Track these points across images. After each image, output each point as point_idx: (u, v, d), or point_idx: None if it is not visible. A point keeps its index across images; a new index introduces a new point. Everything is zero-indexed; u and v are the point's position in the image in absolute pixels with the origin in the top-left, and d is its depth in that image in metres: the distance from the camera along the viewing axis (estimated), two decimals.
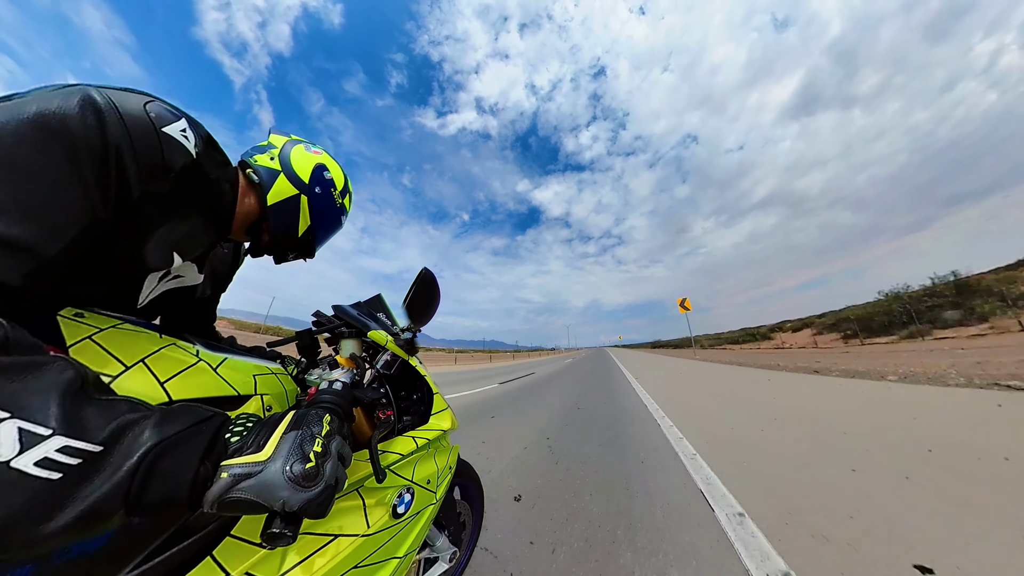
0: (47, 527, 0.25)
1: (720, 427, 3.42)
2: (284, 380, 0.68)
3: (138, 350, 0.47)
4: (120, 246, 0.46)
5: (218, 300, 0.87)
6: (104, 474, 0.28)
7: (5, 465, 0.24)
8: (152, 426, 0.32)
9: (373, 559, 0.63)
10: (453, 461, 1.00)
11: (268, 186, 0.66)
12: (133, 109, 0.41)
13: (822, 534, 1.49)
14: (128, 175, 0.39)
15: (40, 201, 0.33)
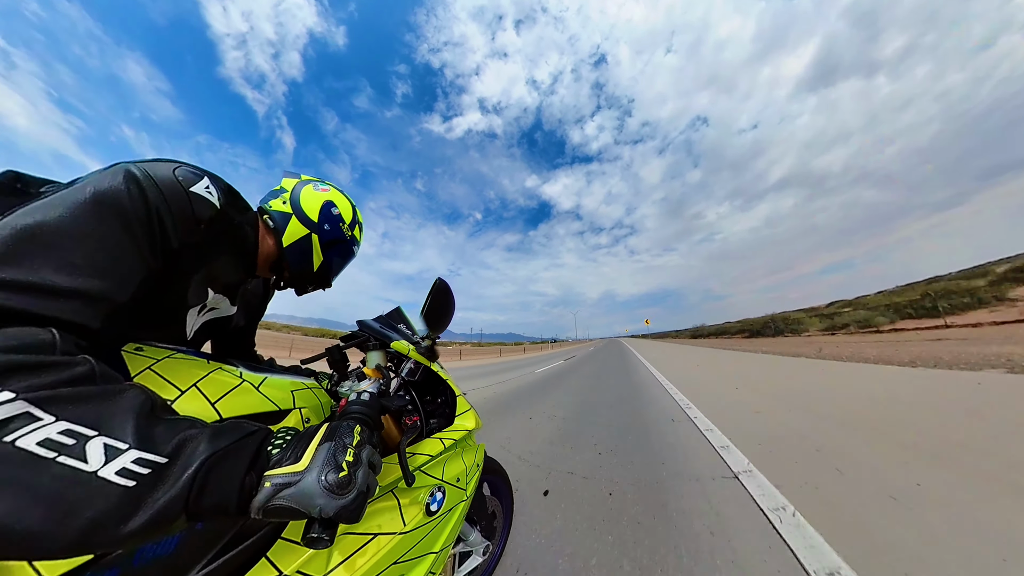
0: (126, 527, 0.31)
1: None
2: (319, 393, 0.74)
3: (190, 376, 0.54)
4: (168, 289, 0.54)
5: (255, 328, 0.97)
6: (169, 482, 0.34)
7: (94, 474, 0.30)
8: (206, 440, 0.37)
9: (411, 555, 0.67)
10: (480, 459, 1.04)
11: (282, 229, 0.75)
12: (164, 176, 0.49)
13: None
14: (168, 231, 0.48)
15: (108, 260, 0.41)
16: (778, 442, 2.48)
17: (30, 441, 0.29)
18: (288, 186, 0.81)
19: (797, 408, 3.42)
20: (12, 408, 0.29)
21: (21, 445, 0.28)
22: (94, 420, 0.32)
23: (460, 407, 1.03)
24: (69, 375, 0.33)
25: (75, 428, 0.31)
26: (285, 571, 0.51)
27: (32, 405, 0.30)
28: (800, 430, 2.73)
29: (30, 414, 0.29)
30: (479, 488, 1.15)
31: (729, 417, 3.24)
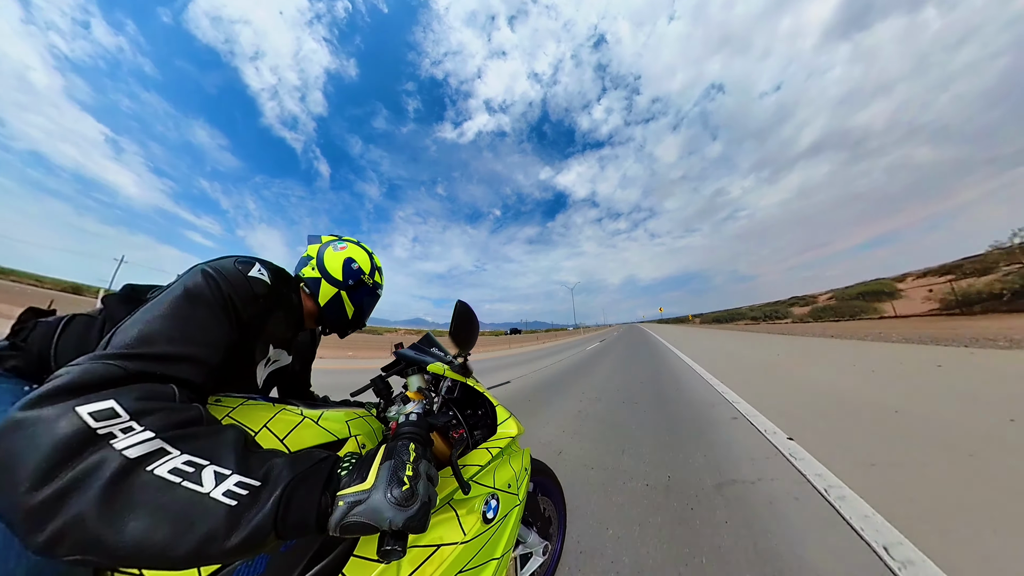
0: (229, 542, 0.37)
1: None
2: (370, 421, 0.80)
3: (261, 418, 0.61)
4: (243, 350, 0.71)
5: (309, 371, 1.13)
6: (261, 502, 0.40)
7: (207, 495, 0.38)
8: (287, 467, 0.45)
9: (475, 562, 0.70)
10: (527, 462, 1.06)
11: (316, 292, 0.92)
12: (228, 268, 0.66)
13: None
14: (239, 307, 0.63)
15: (203, 334, 0.55)
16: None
17: (164, 470, 0.38)
18: (313, 252, 0.95)
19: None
20: (151, 445, 0.38)
21: (158, 473, 0.37)
22: (207, 453, 0.41)
23: (500, 416, 1.06)
24: (187, 418, 0.44)
25: (194, 459, 0.40)
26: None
27: (164, 442, 0.39)
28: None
29: (164, 449, 0.39)
30: (530, 491, 1.19)
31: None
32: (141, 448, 0.37)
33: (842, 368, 5.32)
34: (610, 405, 3.96)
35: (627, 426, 3.14)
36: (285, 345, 0.90)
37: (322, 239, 1.00)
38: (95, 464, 0.35)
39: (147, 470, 0.37)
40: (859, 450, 2.22)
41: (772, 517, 1.59)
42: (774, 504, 1.70)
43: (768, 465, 2.14)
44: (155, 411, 0.41)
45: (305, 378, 1.14)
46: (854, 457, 2.13)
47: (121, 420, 0.38)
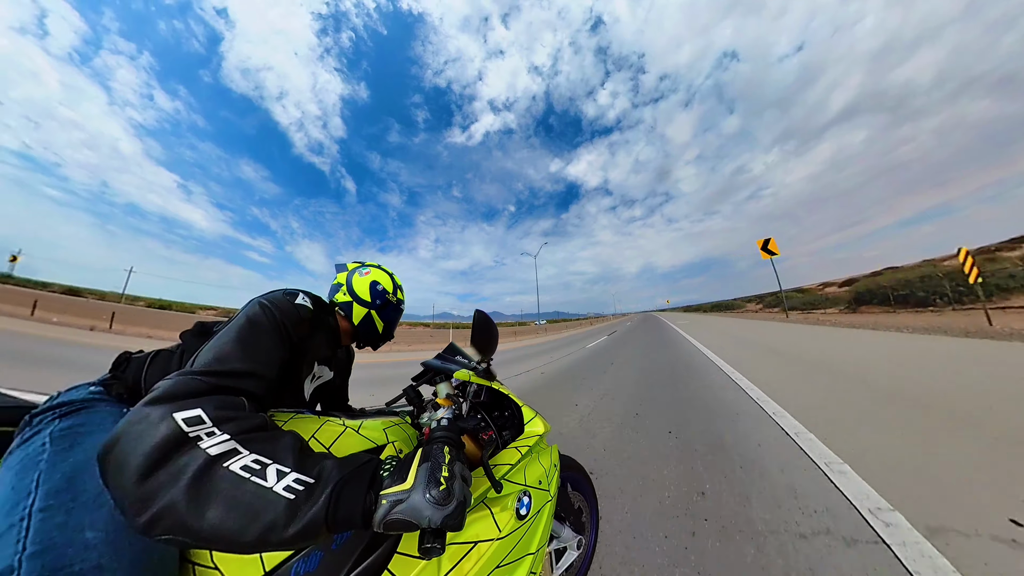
0: (287, 531, 0.43)
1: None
2: (405, 428, 0.86)
3: (309, 430, 0.68)
4: (293, 367, 0.82)
5: (347, 385, 1.25)
6: (315, 497, 0.46)
7: (271, 489, 0.44)
8: (337, 467, 0.50)
9: (511, 558, 0.74)
10: (556, 459, 1.09)
11: (350, 314, 1.06)
12: (279, 299, 0.78)
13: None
14: (289, 331, 0.74)
15: (263, 354, 0.66)
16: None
17: (237, 467, 0.45)
18: (342, 280, 1.09)
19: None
20: (228, 446, 0.46)
21: (232, 469, 0.44)
22: (270, 453, 0.48)
23: (526, 415, 1.09)
24: (254, 424, 0.51)
25: (260, 458, 0.46)
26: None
27: (237, 443, 0.47)
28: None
29: (236, 449, 0.46)
30: (561, 487, 1.21)
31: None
32: (220, 448, 0.45)
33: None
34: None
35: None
36: (327, 362, 1.03)
37: (348, 266, 1.13)
38: (186, 462, 0.43)
39: (224, 466, 0.44)
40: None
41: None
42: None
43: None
44: (231, 419, 0.49)
45: (344, 391, 1.25)
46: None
47: (206, 426, 0.46)
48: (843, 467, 1.95)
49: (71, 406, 0.68)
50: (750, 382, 4.12)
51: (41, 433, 0.62)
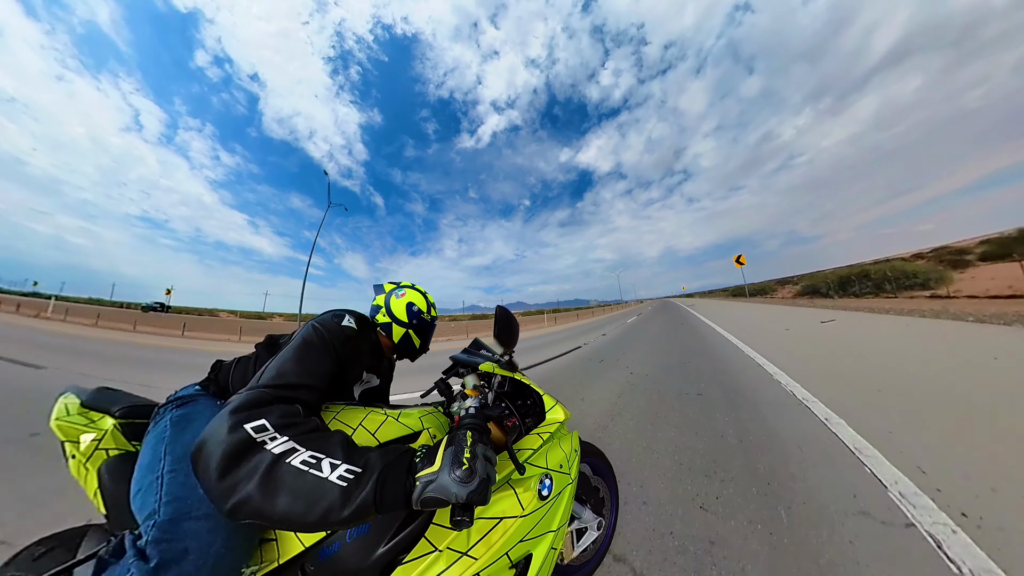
0: (342, 513, 0.53)
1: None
2: (438, 416, 0.96)
3: (357, 418, 0.80)
4: (342, 378, 0.96)
5: (388, 388, 1.36)
6: (363, 484, 0.56)
7: (327, 479, 0.54)
8: (379, 458, 0.60)
9: (533, 534, 0.82)
10: (576, 445, 1.14)
11: (390, 333, 1.18)
12: (328, 321, 0.91)
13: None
14: (337, 349, 0.86)
15: (316, 368, 0.79)
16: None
17: (297, 461, 0.55)
18: (381, 302, 1.21)
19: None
20: (288, 445, 0.57)
21: (294, 464, 0.55)
22: (324, 449, 0.59)
23: (548, 404, 1.16)
24: (309, 427, 0.63)
25: (316, 454, 0.57)
26: (439, 547, 0.71)
27: (296, 443, 0.58)
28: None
29: (295, 448, 0.57)
30: (584, 471, 1.28)
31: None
32: (282, 447, 0.57)
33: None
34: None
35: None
36: (374, 371, 1.17)
37: (384, 287, 1.26)
38: (257, 461, 0.55)
39: (287, 462, 0.55)
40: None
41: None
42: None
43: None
44: (289, 424, 0.61)
45: (386, 392, 1.38)
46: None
47: (270, 432, 0.58)
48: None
49: (183, 400, 0.92)
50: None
51: (164, 419, 0.86)
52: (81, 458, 0.90)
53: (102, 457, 0.90)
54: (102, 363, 6.13)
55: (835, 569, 1.21)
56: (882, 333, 6.09)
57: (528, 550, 0.80)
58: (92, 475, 0.88)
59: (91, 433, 0.92)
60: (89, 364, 5.86)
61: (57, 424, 0.94)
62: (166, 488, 0.71)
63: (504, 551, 0.75)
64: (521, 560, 0.78)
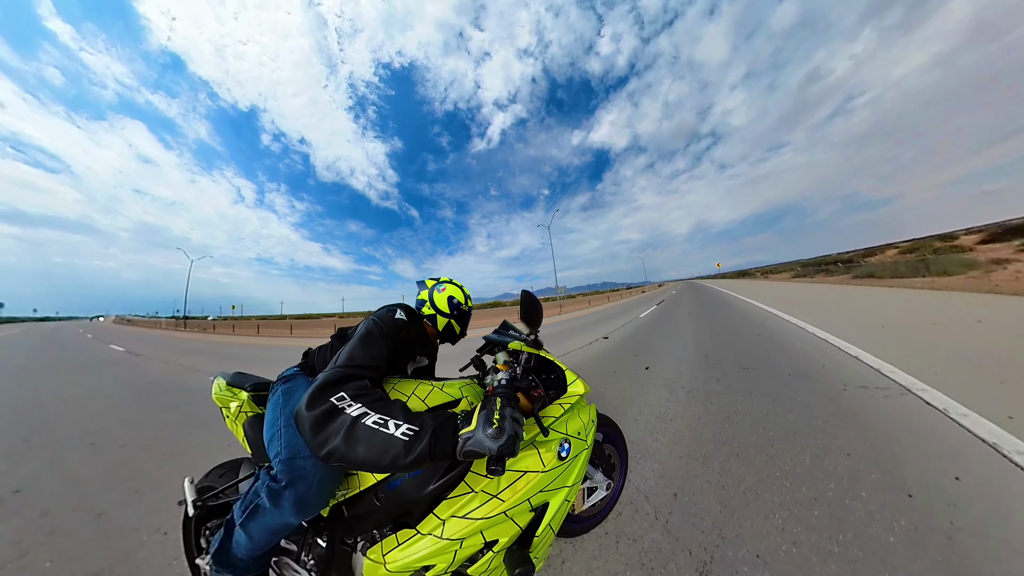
0: (406, 459, 0.71)
1: None
2: (474, 387, 1.12)
3: (410, 388, 0.98)
4: (397, 360, 1.17)
5: (434, 365, 1.54)
6: (420, 438, 0.73)
7: (393, 435, 0.72)
8: (431, 420, 0.77)
9: (551, 487, 0.96)
10: (594, 416, 1.25)
11: (434, 323, 1.38)
12: (384, 315, 1.10)
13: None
14: (391, 337, 1.04)
15: (378, 352, 0.97)
16: None
17: (369, 422, 0.74)
18: (425, 296, 1.40)
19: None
20: (361, 410, 0.75)
21: (367, 424, 0.73)
22: (389, 413, 0.76)
23: (569, 378, 1.26)
24: (375, 397, 0.81)
25: (383, 416, 0.75)
26: (475, 488, 0.88)
27: (367, 409, 0.76)
28: None
29: (367, 412, 0.75)
30: (599, 440, 1.41)
31: None
32: (357, 412, 0.75)
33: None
34: None
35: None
36: (423, 353, 1.39)
37: (427, 283, 1.45)
38: (340, 422, 0.74)
39: (362, 423, 0.73)
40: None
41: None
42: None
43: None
44: (361, 396, 0.79)
45: (433, 368, 1.58)
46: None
47: (347, 401, 0.77)
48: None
49: (287, 378, 1.21)
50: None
51: (277, 391, 1.15)
52: (232, 417, 1.33)
53: (244, 418, 1.29)
54: (178, 352, 9.22)
55: None
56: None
57: (546, 499, 0.94)
58: (239, 429, 1.29)
59: (235, 402, 1.33)
60: (171, 353, 8.95)
61: (215, 396, 1.39)
62: (284, 437, 0.99)
63: (526, 497, 0.90)
64: (539, 506, 0.94)
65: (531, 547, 0.92)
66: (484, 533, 0.84)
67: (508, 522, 0.87)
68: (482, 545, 0.85)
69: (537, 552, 0.94)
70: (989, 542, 1.20)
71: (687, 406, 2.69)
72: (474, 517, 0.84)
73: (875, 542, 1.24)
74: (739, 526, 1.38)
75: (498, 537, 0.86)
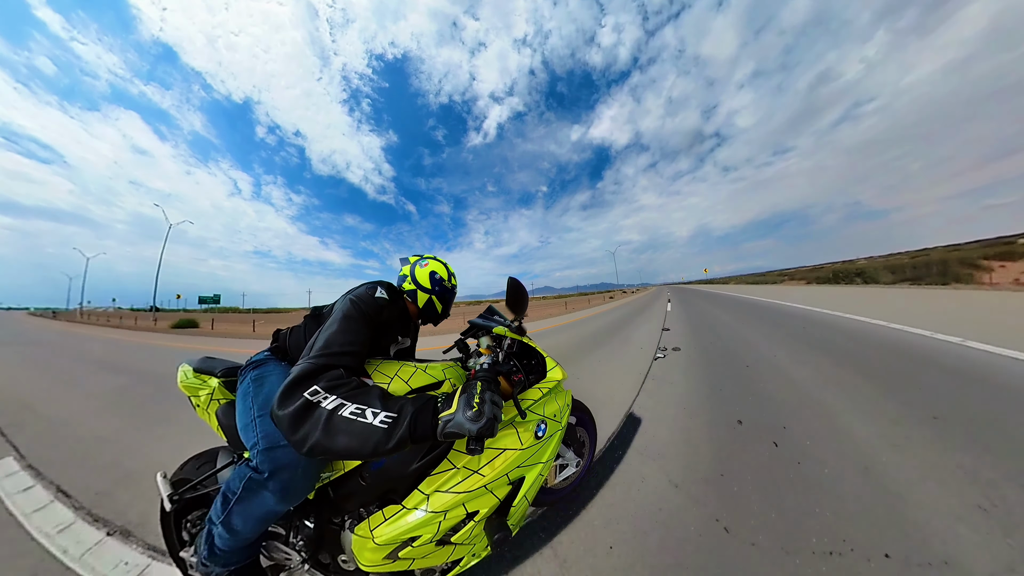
0: (387, 445, 0.72)
1: None
2: (457, 369, 1.15)
3: (393, 369, 0.98)
4: (378, 342, 1.15)
5: (415, 348, 1.51)
6: (400, 425, 0.74)
7: (371, 424, 0.73)
8: (410, 405, 0.78)
9: (528, 463, 1.04)
10: (568, 400, 1.35)
11: (415, 300, 1.30)
12: (363, 293, 1.06)
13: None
14: (372, 317, 1.01)
15: (356, 336, 0.94)
16: None
17: (346, 412, 0.74)
18: (407, 271, 1.32)
19: None
20: (337, 402, 0.75)
21: (344, 415, 0.73)
22: (366, 402, 0.76)
23: (549, 364, 1.34)
24: (352, 386, 0.80)
25: (360, 406, 0.75)
26: (457, 465, 0.94)
27: (343, 400, 0.75)
28: None
29: (343, 403, 0.75)
30: (571, 423, 1.51)
31: None
32: (333, 404, 0.74)
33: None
34: None
35: None
36: (406, 333, 1.36)
37: (410, 259, 1.38)
38: (317, 416, 0.73)
39: (339, 414, 0.73)
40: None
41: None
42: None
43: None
44: (336, 387, 0.78)
45: (414, 349, 1.56)
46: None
47: (322, 394, 0.76)
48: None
49: (257, 363, 1.16)
50: None
51: (247, 377, 1.10)
52: (203, 406, 1.25)
53: (215, 405, 1.22)
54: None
55: None
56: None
57: (522, 474, 1.02)
58: (212, 417, 1.22)
59: (205, 390, 1.25)
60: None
61: (182, 385, 1.29)
62: (259, 427, 0.96)
63: (504, 472, 0.97)
64: (516, 480, 1.01)
65: (508, 516, 1.00)
66: (466, 505, 0.91)
67: (488, 495, 0.94)
68: (464, 516, 0.91)
69: (513, 520, 1.02)
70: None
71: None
72: (457, 491, 0.90)
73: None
74: None
75: (479, 508, 0.93)
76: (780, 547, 1.24)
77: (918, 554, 1.17)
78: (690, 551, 1.26)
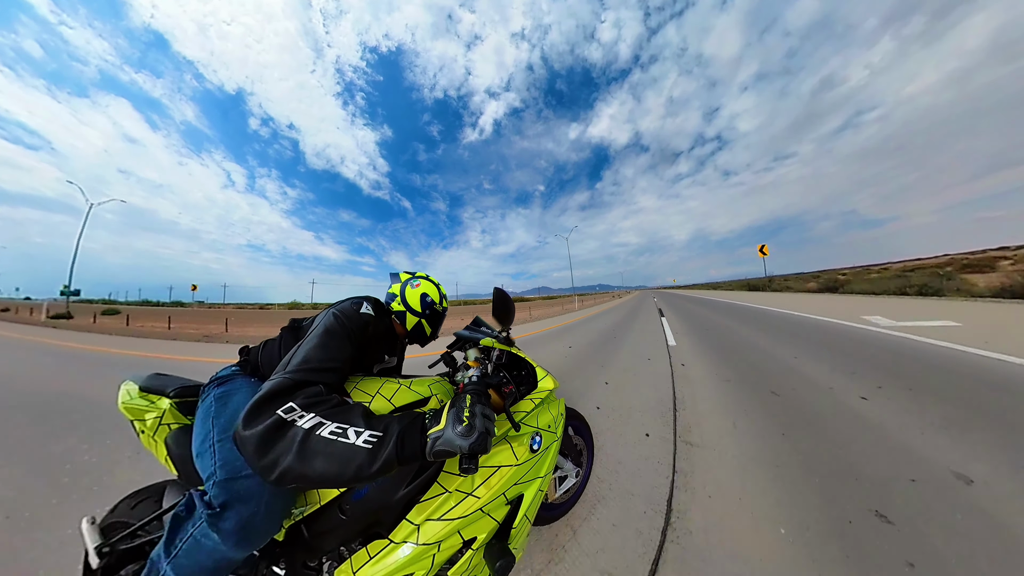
0: (370, 469, 0.64)
1: None
2: (444, 384, 1.08)
3: (374, 388, 0.90)
4: (362, 360, 1.06)
5: (401, 365, 1.44)
6: (385, 445, 0.66)
7: (353, 444, 0.64)
8: (396, 423, 0.71)
9: (525, 479, 0.98)
10: (563, 409, 1.30)
11: (403, 321, 1.24)
12: (347, 308, 0.98)
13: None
14: (355, 334, 0.93)
15: (337, 353, 0.85)
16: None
17: (325, 432, 0.65)
18: (396, 291, 1.26)
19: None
20: (315, 420, 0.66)
21: (323, 435, 0.65)
22: (347, 420, 0.68)
23: (539, 374, 1.30)
24: (331, 404, 0.72)
25: (341, 425, 0.67)
26: (449, 489, 0.87)
27: (322, 418, 0.67)
28: None
29: (322, 422, 0.66)
30: (566, 431, 1.46)
31: None
32: (311, 423, 0.66)
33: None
34: None
35: None
36: (392, 352, 1.29)
37: (400, 277, 1.31)
38: (291, 437, 0.64)
39: (317, 434, 0.65)
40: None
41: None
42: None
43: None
44: (314, 404, 0.70)
45: (400, 367, 1.49)
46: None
47: (298, 412, 0.67)
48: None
49: (223, 379, 1.03)
50: None
51: (209, 396, 0.97)
52: (149, 432, 1.07)
53: (165, 431, 1.05)
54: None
55: None
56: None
57: (520, 491, 0.96)
58: (160, 445, 1.04)
59: (153, 412, 1.07)
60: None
61: (124, 407, 1.10)
62: (218, 454, 0.84)
63: (501, 491, 0.90)
64: (515, 499, 0.95)
65: (509, 539, 0.94)
66: (462, 532, 0.83)
67: (485, 518, 0.87)
68: (460, 545, 0.83)
69: (515, 543, 0.95)
70: None
71: None
72: (450, 517, 0.83)
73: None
74: None
75: (476, 534, 0.86)
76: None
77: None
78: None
